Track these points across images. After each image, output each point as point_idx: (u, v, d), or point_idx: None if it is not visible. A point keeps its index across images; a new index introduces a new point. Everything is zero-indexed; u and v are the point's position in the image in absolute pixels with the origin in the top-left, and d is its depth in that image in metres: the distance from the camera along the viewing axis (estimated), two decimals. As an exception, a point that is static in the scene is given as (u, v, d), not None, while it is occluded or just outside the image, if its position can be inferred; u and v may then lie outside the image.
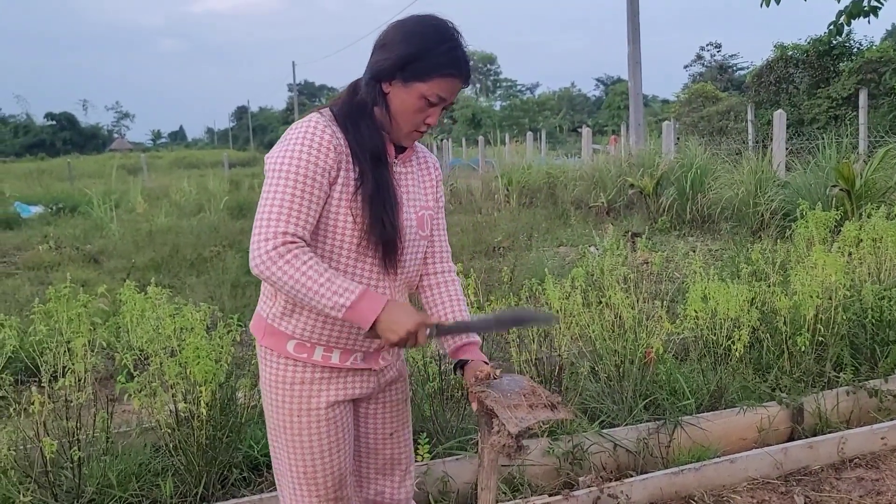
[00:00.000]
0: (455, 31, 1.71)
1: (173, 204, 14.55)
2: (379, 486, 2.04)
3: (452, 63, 1.69)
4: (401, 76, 1.68)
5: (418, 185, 1.86)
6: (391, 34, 1.71)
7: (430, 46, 1.67)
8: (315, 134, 1.64)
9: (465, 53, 1.71)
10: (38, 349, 2.95)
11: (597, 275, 4.24)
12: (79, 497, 2.72)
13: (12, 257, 9.55)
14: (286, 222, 1.58)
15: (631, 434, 3.21)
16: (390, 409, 1.99)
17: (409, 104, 1.70)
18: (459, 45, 1.70)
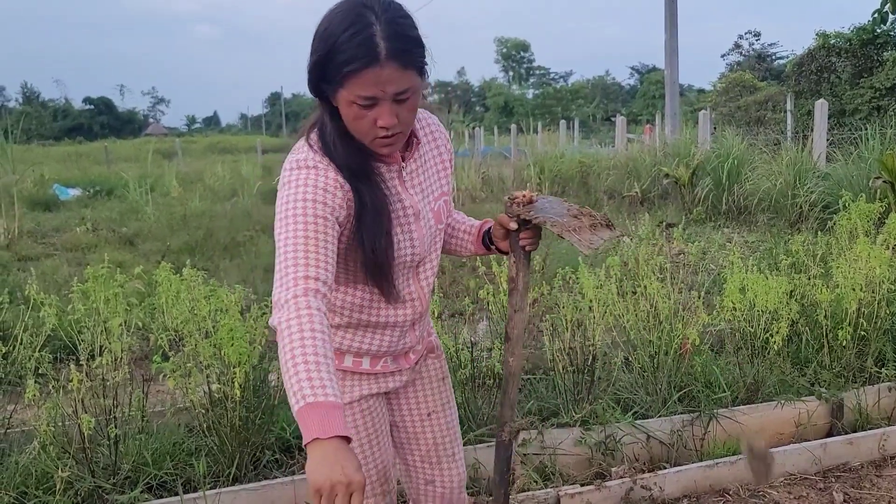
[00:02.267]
0: (366, 9, 1.43)
1: (207, 188, 14.71)
2: (427, 474, 1.95)
3: (358, 53, 1.40)
4: (325, 87, 1.50)
5: (433, 173, 1.72)
6: (315, 34, 1.50)
7: (331, 43, 1.43)
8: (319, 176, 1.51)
9: (380, 29, 1.41)
10: (77, 328, 3.00)
11: (631, 264, 4.18)
12: (115, 474, 2.76)
13: (51, 238, 9.73)
14: (310, 266, 1.45)
15: (665, 426, 3.16)
16: (423, 388, 1.91)
17: (346, 115, 1.50)
18: (368, 26, 1.41)
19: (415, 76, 1.47)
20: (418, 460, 1.95)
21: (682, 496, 2.88)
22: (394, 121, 1.48)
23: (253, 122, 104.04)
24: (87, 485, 2.68)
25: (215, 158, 25.74)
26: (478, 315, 4.88)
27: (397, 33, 1.42)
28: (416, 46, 1.46)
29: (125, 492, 2.70)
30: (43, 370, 2.88)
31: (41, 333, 3.08)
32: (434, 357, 1.93)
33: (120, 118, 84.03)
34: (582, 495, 2.76)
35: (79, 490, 2.67)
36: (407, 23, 1.46)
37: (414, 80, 1.46)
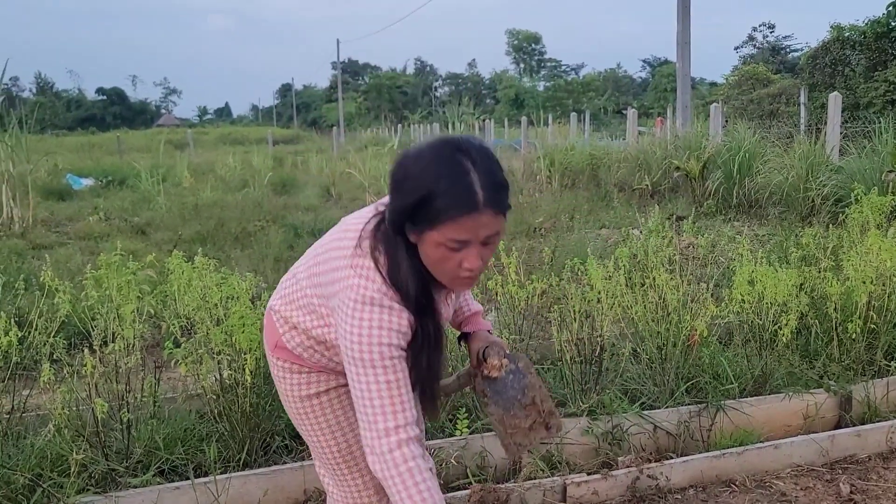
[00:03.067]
0: (463, 156, 1.47)
1: (218, 179, 14.78)
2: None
3: (458, 201, 1.45)
4: (411, 227, 1.52)
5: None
6: (397, 174, 1.54)
7: (431, 187, 1.45)
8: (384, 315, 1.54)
9: (478, 178, 1.45)
10: (90, 315, 3.04)
11: (640, 256, 4.19)
12: (127, 457, 2.80)
13: (64, 227, 9.82)
14: (399, 412, 1.53)
15: (672, 416, 3.18)
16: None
17: (430, 255, 1.53)
18: (466, 173, 1.45)
19: (503, 219, 1.53)
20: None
21: (689, 486, 2.90)
22: (479, 263, 1.54)
23: (264, 114, 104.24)
24: (101, 468, 2.72)
25: (226, 149, 25.83)
26: (486, 306, 4.90)
27: (492, 182, 1.48)
28: (506, 191, 1.53)
29: (138, 475, 2.74)
30: (57, 355, 2.93)
31: (55, 319, 3.13)
32: None
33: (132, 109, 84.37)
34: (588, 484, 2.78)
35: (92, 473, 2.71)
36: (498, 168, 1.52)
37: (503, 223, 1.53)
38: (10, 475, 2.60)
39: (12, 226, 9.31)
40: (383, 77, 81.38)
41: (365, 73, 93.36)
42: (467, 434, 3.01)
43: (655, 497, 2.83)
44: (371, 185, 12.18)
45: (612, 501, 2.80)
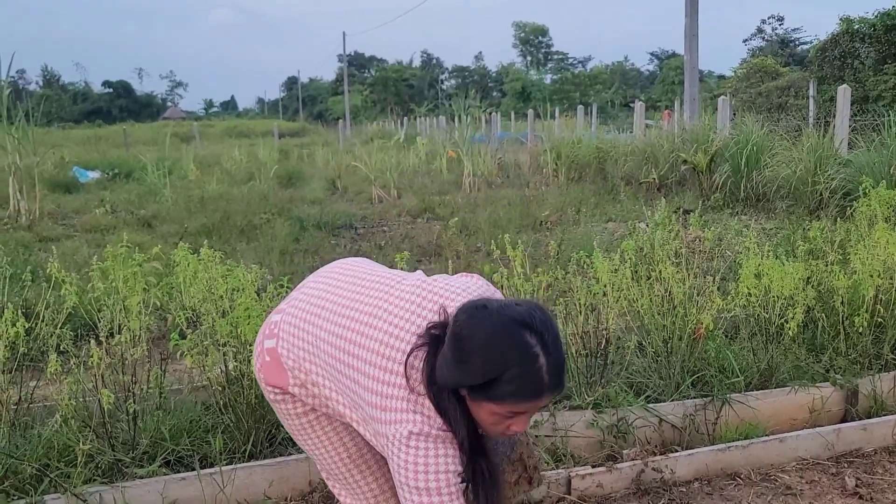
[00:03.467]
0: (534, 339, 1.48)
1: (224, 172, 14.82)
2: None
3: (526, 390, 1.49)
4: (470, 393, 1.54)
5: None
6: (466, 347, 1.51)
7: (500, 372, 1.47)
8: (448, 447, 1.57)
9: (546, 365, 1.48)
10: (96, 306, 3.05)
11: (647, 249, 4.17)
12: (134, 448, 2.81)
13: (71, 220, 9.85)
14: None
15: (677, 410, 3.17)
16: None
17: (484, 418, 1.56)
18: (535, 360, 1.48)
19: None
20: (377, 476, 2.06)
21: (694, 479, 2.89)
22: (524, 428, 1.61)
23: (270, 107, 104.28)
24: (108, 458, 2.74)
25: (232, 142, 25.84)
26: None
27: (560, 369, 1.51)
28: (566, 372, 1.54)
29: (144, 466, 2.75)
30: (64, 347, 2.94)
31: (62, 311, 3.14)
32: None
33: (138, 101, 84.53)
34: (593, 476, 2.78)
35: (99, 463, 2.72)
36: (560, 348, 1.53)
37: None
38: (18, 465, 2.62)
39: (19, 218, 9.35)
40: (389, 70, 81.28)
41: (371, 65, 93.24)
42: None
43: (660, 490, 2.82)
44: (377, 178, 12.18)
45: (617, 494, 2.80)
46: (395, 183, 12.10)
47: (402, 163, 14.81)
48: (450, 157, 15.28)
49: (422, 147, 17.47)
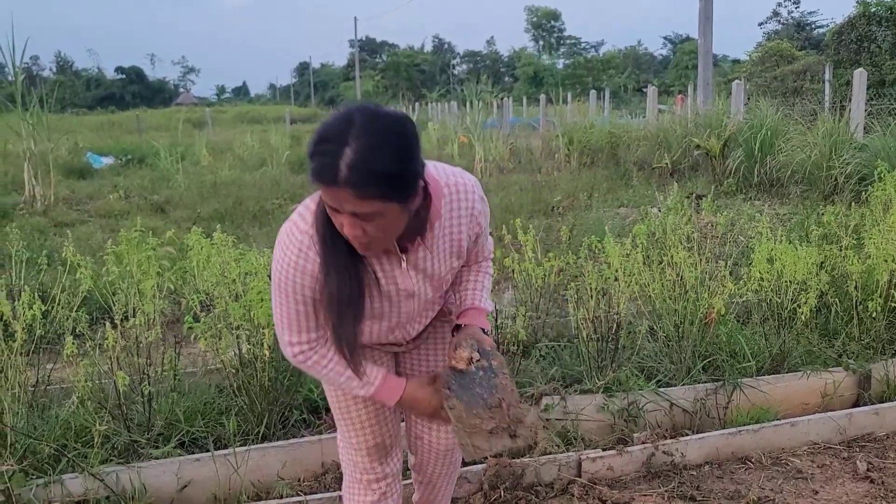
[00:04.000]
0: (330, 135, 1.42)
1: (236, 157, 14.85)
2: (418, 429, 2.13)
3: (318, 171, 1.42)
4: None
5: (445, 256, 1.75)
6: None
7: (310, 148, 1.44)
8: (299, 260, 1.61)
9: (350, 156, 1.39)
10: (111, 290, 3.08)
11: (659, 234, 4.16)
12: (149, 429, 2.85)
13: (85, 205, 9.93)
14: (297, 332, 1.71)
15: (688, 394, 3.17)
16: (429, 349, 2.03)
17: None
18: (326, 153, 1.40)
19: (380, 203, 1.44)
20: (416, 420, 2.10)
21: (704, 463, 2.90)
22: (357, 233, 1.49)
23: (282, 92, 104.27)
24: (123, 439, 2.78)
25: (244, 128, 25.86)
26: (503, 284, 4.91)
27: (362, 167, 1.39)
28: (383, 182, 1.42)
29: (159, 447, 2.79)
30: (80, 330, 2.98)
31: (78, 295, 3.18)
32: (446, 321, 2.00)
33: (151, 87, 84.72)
34: (604, 459, 2.79)
35: (115, 444, 2.76)
36: (376, 154, 1.40)
37: (378, 206, 1.44)
38: (37, 445, 2.66)
39: (34, 203, 9.43)
40: (401, 55, 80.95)
41: (383, 51, 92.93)
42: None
43: (671, 473, 2.83)
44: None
45: (627, 477, 2.81)
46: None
47: (413, 148, 14.78)
48: (461, 143, 15.24)
49: (433, 132, 17.42)
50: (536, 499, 2.69)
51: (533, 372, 3.45)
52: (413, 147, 1.47)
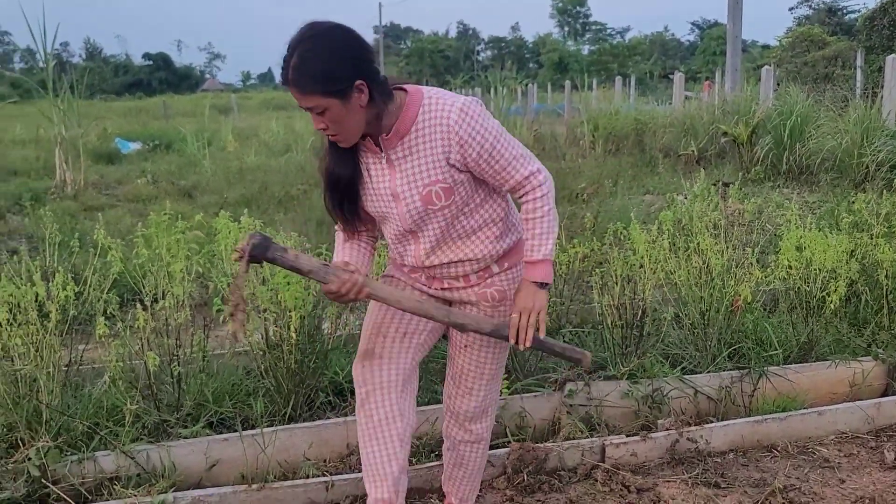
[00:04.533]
0: (297, 38, 1.74)
1: (262, 143, 14.92)
2: (450, 390, 2.26)
3: (280, 73, 1.79)
4: None
5: (424, 162, 1.87)
6: None
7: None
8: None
9: (292, 60, 1.73)
10: (141, 273, 3.13)
11: (685, 221, 4.13)
12: (178, 409, 2.90)
13: (114, 190, 10.07)
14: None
15: (713, 381, 3.16)
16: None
17: None
18: (284, 59, 1.75)
19: (320, 98, 1.75)
20: (449, 377, 2.27)
21: (729, 450, 2.89)
22: (320, 126, 1.81)
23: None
24: (153, 418, 2.83)
25: (269, 114, 25.99)
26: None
27: (298, 67, 1.73)
28: (316, 79, 1.73)
29: (188, 426, 2.84)
30: (111, 311, 3.03)
31: (108, 277, 3.23)
32: (488, 306, 2.06)
33: (177, 74, 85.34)
34: (627, 445, 2.80)
35: (146, 423, 2.82)
36: (310, 57, 1.72)
37: (320, 100, 1.75)
38: (71, 423, 2.73)
39: (65, 188, 9.57)
40: (425, 41, 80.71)
41: (407, 36, 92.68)
42: (507, 394, 3.04)
43: (695, 460, 2.83)
44: (413, 149, 12.16)
45: (651, 463, 2.82)
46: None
47: (437, 134, 14.77)
48: (486, 129, 15.17)
49: (457, 119, 17.35)
50: (560, 483, 2.71)
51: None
52: (345, 49, 1.75)
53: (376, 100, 1.80)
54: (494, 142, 1.84)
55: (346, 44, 1.76)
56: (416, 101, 1.84)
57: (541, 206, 1.90)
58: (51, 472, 2.53)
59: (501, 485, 2.69)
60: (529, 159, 1.90)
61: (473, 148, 1.83)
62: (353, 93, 1.75)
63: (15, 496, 2.47)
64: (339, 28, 1.77)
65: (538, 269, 1.92)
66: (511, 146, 1.87)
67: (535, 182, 1.90)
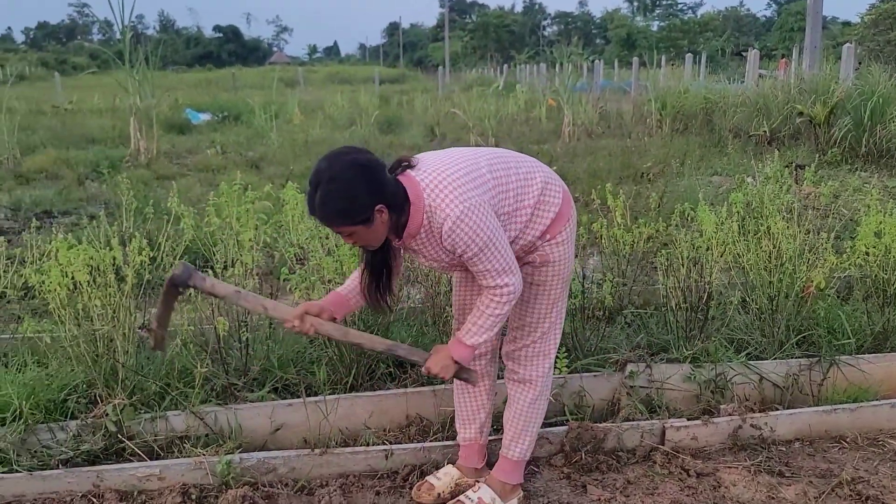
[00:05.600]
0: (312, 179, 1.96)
1: (327, 117, 15.10)
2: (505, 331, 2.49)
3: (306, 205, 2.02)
4: None
5: (434, 253, 2.18)
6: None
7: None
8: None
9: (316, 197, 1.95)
10: (211, 240, 3.23)
11: (755, 203, 4.01)
12: (245, 374, 3.00)
13: (184, 159, 10.36)
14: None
15: (780, 368, 3.08)
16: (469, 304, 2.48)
17: None
18: (309, 195, 1.97)
19: (348, 227, 2.00)
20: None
21: (795, 439, 2.82)
22: (349, 242, 2.12)
23: (371, 53, 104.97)
24: (222, 381, 2.93)
25: (335, 88, 26.24)
26: (589, 249, 4.85)
27: (323, 206, 1.95)
28: (339, 215, 1.97)
29: (254, 391, 2.94)
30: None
31: (181, 243, 3.34)
32: (531, 269, 2.33)
33: (246, 46, 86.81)
34: (688, 429, 2.76)
35: (214, 385, 2.92)
36: (332, 197, 1.94)
37: (347, 229, 2.01)
38: (144, 382, 2.85)
39: (139, 157, 9.90)
40: (491, 16, 79.87)
41: (472, 11, 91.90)
42: (566, 373, 3.04)
43: (758, 447, 2.77)
44: (475, 125, 12.13)
45: (712, 448, 2.77)
46: (493, 131, 12.02)
47: (500, 110, 14.67)
48: (549, 106, 15.00)
49: (521, 95, 17.17)
50: (618, 464, 2.70)
51: (618, 338, 3.42)
52: (359, 186, 1.95)
53: (394, 213, 2.05)
54: (478, 252, 2.08)
55: (364, 178, 1.95)
56: (420, 208, 2.05)
57: (494, 309, 2.16)
58: (126, 428, 2.66)
59: (559, 462, 2.70)
60: (503, 273, 2.13)
61: (459, 250, 2.10)
62: (375, 216, 1.99)
63: (94, 448, 2.61)
64: (356, 165, 1.96)
65: (462, 350, 2.22)
66: (491, 259, 2.10)
67: (499, 293, 2.15)
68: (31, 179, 8.72)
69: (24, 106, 15.71)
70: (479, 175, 2.11)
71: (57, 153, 9.98)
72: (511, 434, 2.48)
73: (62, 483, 2.47)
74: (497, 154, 2.23)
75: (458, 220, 2.03)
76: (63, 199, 7.34)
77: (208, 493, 2.48)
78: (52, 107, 16.88)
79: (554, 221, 2.26)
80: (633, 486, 2.57)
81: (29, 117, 14.35)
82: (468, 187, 2.06)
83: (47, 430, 2.65)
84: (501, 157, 2.23)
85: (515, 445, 2.47)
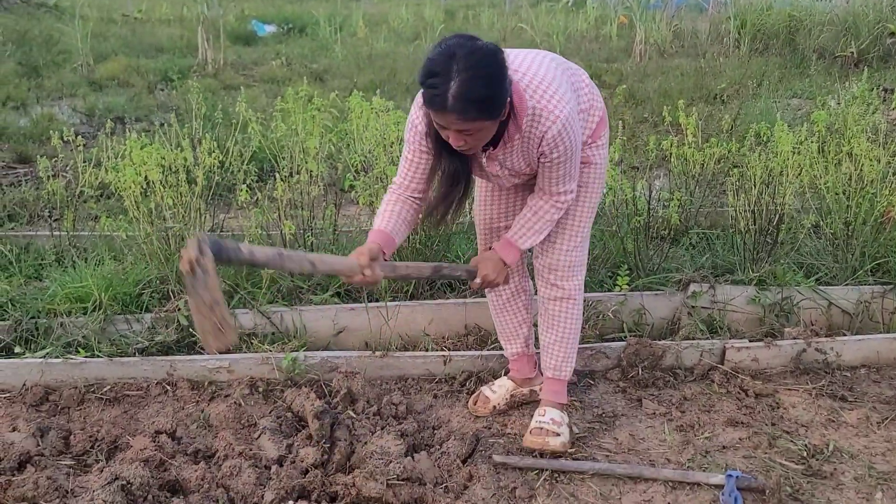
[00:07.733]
0: (438, 69, 1.78)
1: (391, 30, 14.83)
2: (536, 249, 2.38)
3: (429, 100, 1.83)
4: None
5: (517, 157, 2.08)
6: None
7: (421, 80, 1.83)
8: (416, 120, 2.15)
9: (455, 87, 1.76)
10: (278, 147, 3.27)
11: (838, 125, 3.82)
12: (309, 278, 3.07)
13: (250, 70, 10.39)
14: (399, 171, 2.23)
15: (850, 295, 3.00)
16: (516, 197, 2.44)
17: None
18: (435, 86, 1.78)
19: (482, 122, 1.84)
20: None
21: (861, 365, 2.77)
22: (460, 143, 1.90)
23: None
24: (287, 284, 3.02)
25: (399, 1, 25.68)
26: (656, 171, 4.73)
27: (465, 95, 1.76)
28: (481, 107, 1.80)
29: (317, 294, 3.02)
30: (249, 181, 3.20)
31: (248, 149, 3.40)
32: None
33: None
34: (750, 350, 2.73)
35: (280, 287, 3.01)
36: (479, 84, 1.77)
37: (474, 124, 1.84)
38: (213, 281, 2.95)
39: (206, 66, 9.98)
40: (563, -74, 76.18)
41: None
42: (627, 290, 3.02)
43: (821, 371, 2.73)
44: (543, 41, 11.76)
45: (773, 370, 2.74)
46: (561, 47, 11.64)
47: (569, 27, 14.16)
48: (621, 23, 14.38)
49: (591, 11, 16.50)
50: (675, 381, 2.70)
51: (682, 259, 3.37)
52: (502, 74, 1.82)
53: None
54: (567, 158, 2.04)
55: (500, 67, 1.83)
56: (523, 108, 1.94)
57: (552, 214, 2.17)
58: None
59: (615, 376, 2.72)
60: (572, 179, 2.13)
61: (549, 158, 2.04)
62: (503, 112, 1.88)
63: (167, 340, 2.74)
64: (489, 50, 1.82)
65: (514, 253, 2.23)
66: (569, 165, 2.08)
67: (563, 199, 2.15)
68: (104, 86, 8.90)
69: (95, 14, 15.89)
70: (564, 78, 2.05)
71: (128, 61, 10.13)
72: (561, 356, 2.42)
73: (139, 370, 2.62)
74: (554, 56, 2.15)
75: (565, 125, 1.96)
76: (134, 106, 7.49)
77: (274, 386, 2.59)
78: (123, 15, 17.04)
79: (598, 124, 2.23)
80: (689, 402, 2.58)
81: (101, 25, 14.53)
82: (564, 89, 1.99)
83: (124, 321, 2.80)
84: (558, 58, 2.16)
85: (566, 366, 2.44)
